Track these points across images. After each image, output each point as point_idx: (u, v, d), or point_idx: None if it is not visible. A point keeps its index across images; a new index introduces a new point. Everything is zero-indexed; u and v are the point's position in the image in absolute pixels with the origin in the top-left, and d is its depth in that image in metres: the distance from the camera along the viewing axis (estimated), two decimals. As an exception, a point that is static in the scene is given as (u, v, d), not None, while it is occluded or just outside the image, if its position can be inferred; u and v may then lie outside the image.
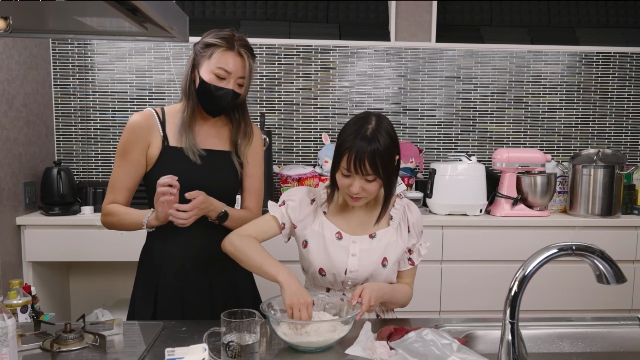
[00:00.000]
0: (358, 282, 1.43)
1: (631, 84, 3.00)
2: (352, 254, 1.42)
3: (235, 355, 1.05)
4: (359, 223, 1.46)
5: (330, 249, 1.42)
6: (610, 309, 2.55)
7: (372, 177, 1.33)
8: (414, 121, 2.96)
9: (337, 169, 1.36)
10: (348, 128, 1.35)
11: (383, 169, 1.33)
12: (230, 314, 1.10)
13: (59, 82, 2.79)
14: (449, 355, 1.09)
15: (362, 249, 1.43)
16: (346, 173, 1.34)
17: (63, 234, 2.39)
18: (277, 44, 2.85)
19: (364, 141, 1.30)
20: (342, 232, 1.44)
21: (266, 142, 2.50)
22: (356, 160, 1.30)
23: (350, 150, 1.30)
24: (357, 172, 1.31)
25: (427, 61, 2.92)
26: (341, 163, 1.33)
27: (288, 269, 1.31)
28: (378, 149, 1.30)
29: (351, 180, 1.34)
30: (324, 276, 1.44)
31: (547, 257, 0.99)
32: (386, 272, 1.44)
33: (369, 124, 1.33)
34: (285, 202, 1.47)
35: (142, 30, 1.15)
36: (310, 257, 1.44)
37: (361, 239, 1.44)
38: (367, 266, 1.42)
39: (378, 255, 1.43)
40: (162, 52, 2.81)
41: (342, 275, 1.42)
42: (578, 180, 2.62)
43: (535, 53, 2.95)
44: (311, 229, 1.45)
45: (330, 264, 1.42)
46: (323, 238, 1.43)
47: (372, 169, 1.31)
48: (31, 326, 1.31)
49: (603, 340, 1.33)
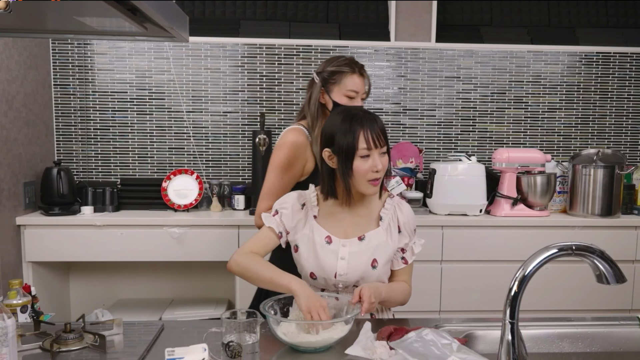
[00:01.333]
0: (349, 285, 1.44)
1: (631, 84, 3.00)
2: (341, 258, 1.43)
3: (235, 355, 1.05)
4: (349, 225, 1.47)
5: (319, 254, 1.44)
6: (610, 309, 2.55)
7: (385, 149, 1.41)
8: (414, 121, 2.96)
9: (352, 158, 1.37)
10: (337, 123, 1.39)
11: (386, 139, 1.42)
12: (231, 314, 1.10)
13: (59, 82, 2.79)
14: (449, 355, 1.09)
15: (351, 252, 1.44)
16: (366, 153, 1.37)
17: (63, 234, 2.39)
18: (277, 44, 2.85)
19: (368, 117, 1.39)
20: (331, 236, 1.46)
21: (266, 142, 2.50)
22: (372, 134, 1.37)
23: (364, 128, 1.37)
24: (376, 145, 1.38)
25: (427, 61, 2.92)
26: (359, 145, 1.36)
27: (298, 278, 1.34)
28: (380, 120, 1.42)
29: (372, 160, 1.38)
30: (315, 280, 1.46)
31: (547, 257, 0.99)
32: (376, 273, 1.45)
33: (354, 109, 1.43)
34: (278, 211, 1.49)
35: (142, 30, 1.15)
36: (301, 262, 1.47)
37: (350, 242, 1.45)
38: (356, 268, 1.43)
39: (367, 257, 1.44)
40: (162, 52, 2.81)
41: (332, 278, 1.44)
42: (578, 180, 2.62)
43: (535, 53, 2.95)
44: (302, 233, 1.47)
45: (319, 268, 1.44)
46: (313, 242, 1.45)
47: (385, 140, 1.41)
48: (31, 326, 1.31)
49: (603, 340, 1.33)
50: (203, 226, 2.44)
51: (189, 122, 2.86)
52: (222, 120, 2.88)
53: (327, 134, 1.41)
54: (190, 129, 2.87)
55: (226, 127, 2.88)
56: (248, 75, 2.85)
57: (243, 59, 2.85)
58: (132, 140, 2.85)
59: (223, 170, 2.91)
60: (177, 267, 2.79)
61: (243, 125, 2.89)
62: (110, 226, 2.41)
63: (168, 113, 2.85)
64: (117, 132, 2.84)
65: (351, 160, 1.38)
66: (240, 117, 2.88)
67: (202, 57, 2.84)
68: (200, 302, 2.72)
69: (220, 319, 1.12)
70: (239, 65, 2.85)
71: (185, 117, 2.86)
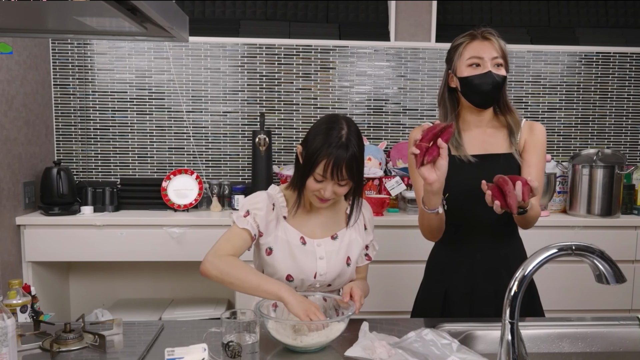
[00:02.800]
0: (324, 284, 1.45)
1: (631, 84, 3.00)
2: (319, 257, 1.43)
3: (235, 355, 1.05)
4: (317, 225, 1.47)
5: (297, 255, 1.42)
6: (610, 309, 2.55)
7: (345, 182, 1.36)
8: (414, 121, 2.95)
9: (309, 174, 1.35)
10: (319, 134, 1.35)
11: (357, 174, 1.36)
12: (230, 314, 1.10)
13: (59, 82, 2.79)
14: (448, 355, 1.09)
15: (328, 251, 1.44)
16: (320, 179, 1.34)
17: (63, 234, 2.39)
18: (277, 44, 2.85)
19: (341, 149, 1.31)
20: (305, 237, 1.44)
21: (266, 142, 2.50)
22: (334, 167, 1.31)
23: (329, 158, 1.31)
24: (332, 177, 1.33)
25: (427, 61, 2.92)
26: (316, 169, 1.33)
27: (285, 284, 1.31)
28: (355, 154, 1.33)
29: (324, 185, 1.35)
30: (291, 282, 1.43)
31: (547, 257, 0.99)
32: (350, 270, 1.47)
33: (341, 129, 1.34)
34: (250, 212, 1.41)
35: (142, 30, 1.15)
36: (275, 264, 1.42)
37: (324, 241, 1.45)
38: (335, 267, 1.43)
39: (343, 255, 1.45)
40: (162, 52, 2.81)
41: (311, 279, 1.43)
42: (578, 180, 2.62)
43: (535, 53, 2.95)
44: (275, 235, 1.43)
45: (298, 270, 1.42)
46: (288, 244, 1.42)
47: (348, 175, 1.34)
48: (31, 326, 1.31)
49: (603, 340, 1.33)
50: (203, 226, 2.43)
51: (189, 122, 2.86)
52: (222, 120, 2.88)
53: (307, 134, 1.40)
54: (190, 129, 2.86)
55: (226, 127, 2.88)
56: (248, 75, 2.85)
57: (243, 59, 2.85)
58: (132, 140, 2.85)
59: (223, 170, 2.91)
60: (177, 267, 2.78)
61: (243, 125, 2.89)
62: (110, 226, 2.41)
63: (168, 113, 2.85)
64: (117, 132, 2.84)
65: (307, 176, 1.36)
66: (240, 117, 2.88)
67: (202, 57, 2.84)
68: (200, 302, 2.72)
69: (220, 319, 1.11)
70: (239, 65, 2.85)
71: (185, 117, 2.86)
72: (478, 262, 1.50)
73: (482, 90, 1.46)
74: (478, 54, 1.46)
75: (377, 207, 2.49)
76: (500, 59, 1.47)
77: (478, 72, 1.45)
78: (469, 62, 1.47)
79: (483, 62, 1.46)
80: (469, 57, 1.47)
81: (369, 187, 2.66)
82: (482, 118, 1.54)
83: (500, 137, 1.55)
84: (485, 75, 1.44)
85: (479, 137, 1.54)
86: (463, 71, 1.48)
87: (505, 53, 1.49)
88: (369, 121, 2.93)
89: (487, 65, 1.45)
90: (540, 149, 1.53)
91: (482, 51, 1.46)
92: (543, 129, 1.56)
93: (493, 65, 1.46)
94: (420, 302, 1.63)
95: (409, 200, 2.64)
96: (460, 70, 1.48)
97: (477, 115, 1.53)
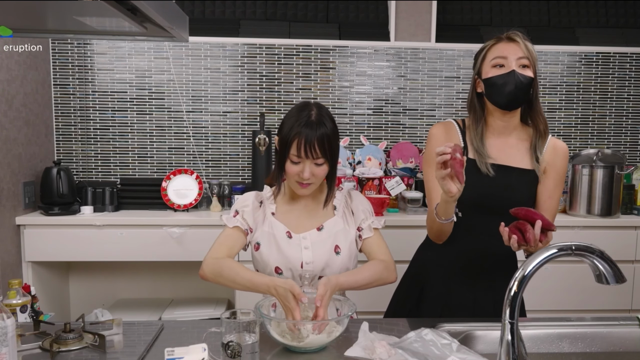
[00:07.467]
0: (316, 274, 1.44)
1: (631, 84, 3.00)
2: (304, 247, 1.44)
3: (235, 355, 1.05)
4: (305, 218, 1.49)
5: (282, 247, 1.44)
6: (610, 309, 2.55)
7: (322, 161, 1.38)
8: (414, 121, 2.95)
9: (285, 157, 1.40)
10: (290, 117, 1.41)
11: (331, 152, 1.39)
12: (230, 314, 1.10)
13: (59, 82, 2.79)
14: (448, 355, 1.09)
15: (313, 242, 1.45)
16: (296, 160, 1.38)
17: (63, 234, 2.39)
18: (277, 44, 2.85)
19: (310, 126, 1.36)
20: (291, 231, 1.46)
21: (266, 142, 2.50)
22: (306, 145, 1.35)
23: (300, 136, 1.35)
24: (307, 156, 1.36)
25: (427, 61, 2.92)
26: (291, 150, 1.37)
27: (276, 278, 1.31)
28: (326, 132, 1.37)
29: (301, 167, 1.38)
30: (281, 274, 1.44)
31: (546, 257, 0.99)
32: (340, 259, 1.45)
33: (311, 110, 1.39)
34: (238, 211, 1.48)
35: (142, 30, 1.15)
36: (264, 258, 1.45)
37: (310, 233, 1.47)
38: (321, 256, 1.44)
39: (330, 245, 1.45)
40: (162, 52, 2.81)
41: (298, 269, 1.44)
42: (578, 181, 2.62)
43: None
44: (262, 230, 1.47)
45: (285, 261, 1.44)
46: (274, 237, 1.45)
47: (322, 152, 1.36)
48: (31, 326, 1.31)
49: (603, 340, 1.33)
50: (203, 226, 2.43)
51: (189, 122, 2.86)
52: (222, 120, 2.88)
53: (281, 123, 1.45)
54: (190, 128, 2.86)
55: (226, 127, 2.88)
56: (248, 75, 2.85)
57: (243, 59, 2.85)
58: (131, 140, 2.85)
59: (223, 170, 2.91)
60: (177, 267, 2.78)
61: (243, 125, 2.89)
62: (110, 226, 2.41)
63: (168, 113, 2.85)
64: (117, 132, 2.84)
65: (284, 160, 1.40)
66: (240, 117, 2.88)
67: (201, 57, 2.84)
68: (200, 302, 2.72)
69: (220, 319, 1.11)
70: (239, 65, 2.85)
71: (185, 117, 2.86)
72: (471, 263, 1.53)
73: (505, 91, 1.42)
74: (502, 53, 1.44)
75: (377, 207, 2.49)
76: (526, 60, 1.43)
77: (501, 72, 1.43)
78: (493, 63, 1.45)
79: (507, 62, 1.43)
80: (493, 57, 1.45)
81: (369, 187, 2.66)
82: (507, 125, 1.51)
83: (522, 149, 1.52)
84: (508, 74, 1.42)
85: (500, 145, 1.51)
86: (487, 72, 1.46)
87: (533, 55, 1.45)
88: (369, 121, 2.93)
89: (512, 65, 1.42)
90: (562, 176, 1.54)
91: (507, 51, 1.44)
92: (567, 152, 1.54)
93: (518, 65, 1.43)
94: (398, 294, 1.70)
95: (409, 200, 2.63)
96: (485, 72, 1.47)
97: (502, 121, 1.50)
